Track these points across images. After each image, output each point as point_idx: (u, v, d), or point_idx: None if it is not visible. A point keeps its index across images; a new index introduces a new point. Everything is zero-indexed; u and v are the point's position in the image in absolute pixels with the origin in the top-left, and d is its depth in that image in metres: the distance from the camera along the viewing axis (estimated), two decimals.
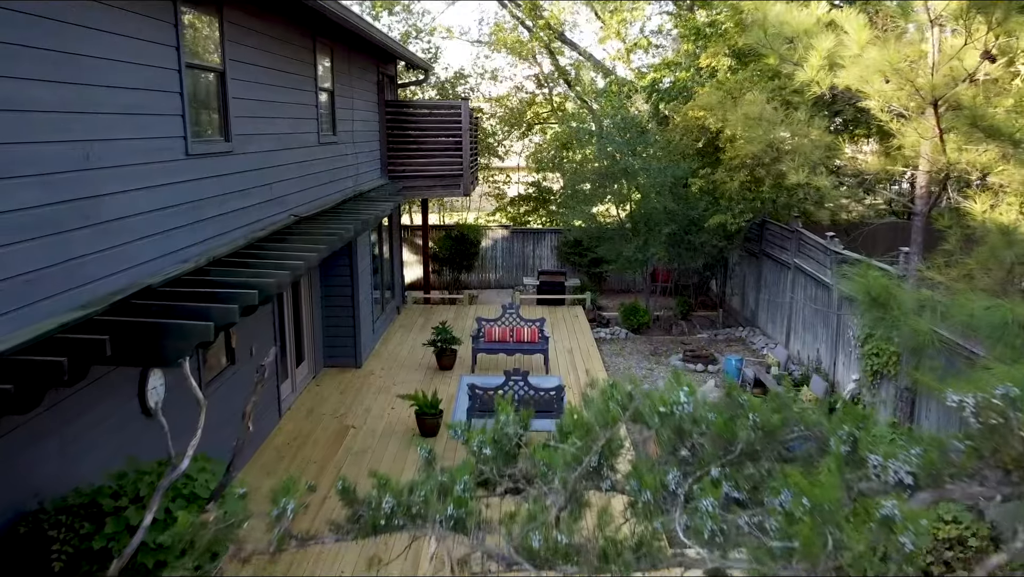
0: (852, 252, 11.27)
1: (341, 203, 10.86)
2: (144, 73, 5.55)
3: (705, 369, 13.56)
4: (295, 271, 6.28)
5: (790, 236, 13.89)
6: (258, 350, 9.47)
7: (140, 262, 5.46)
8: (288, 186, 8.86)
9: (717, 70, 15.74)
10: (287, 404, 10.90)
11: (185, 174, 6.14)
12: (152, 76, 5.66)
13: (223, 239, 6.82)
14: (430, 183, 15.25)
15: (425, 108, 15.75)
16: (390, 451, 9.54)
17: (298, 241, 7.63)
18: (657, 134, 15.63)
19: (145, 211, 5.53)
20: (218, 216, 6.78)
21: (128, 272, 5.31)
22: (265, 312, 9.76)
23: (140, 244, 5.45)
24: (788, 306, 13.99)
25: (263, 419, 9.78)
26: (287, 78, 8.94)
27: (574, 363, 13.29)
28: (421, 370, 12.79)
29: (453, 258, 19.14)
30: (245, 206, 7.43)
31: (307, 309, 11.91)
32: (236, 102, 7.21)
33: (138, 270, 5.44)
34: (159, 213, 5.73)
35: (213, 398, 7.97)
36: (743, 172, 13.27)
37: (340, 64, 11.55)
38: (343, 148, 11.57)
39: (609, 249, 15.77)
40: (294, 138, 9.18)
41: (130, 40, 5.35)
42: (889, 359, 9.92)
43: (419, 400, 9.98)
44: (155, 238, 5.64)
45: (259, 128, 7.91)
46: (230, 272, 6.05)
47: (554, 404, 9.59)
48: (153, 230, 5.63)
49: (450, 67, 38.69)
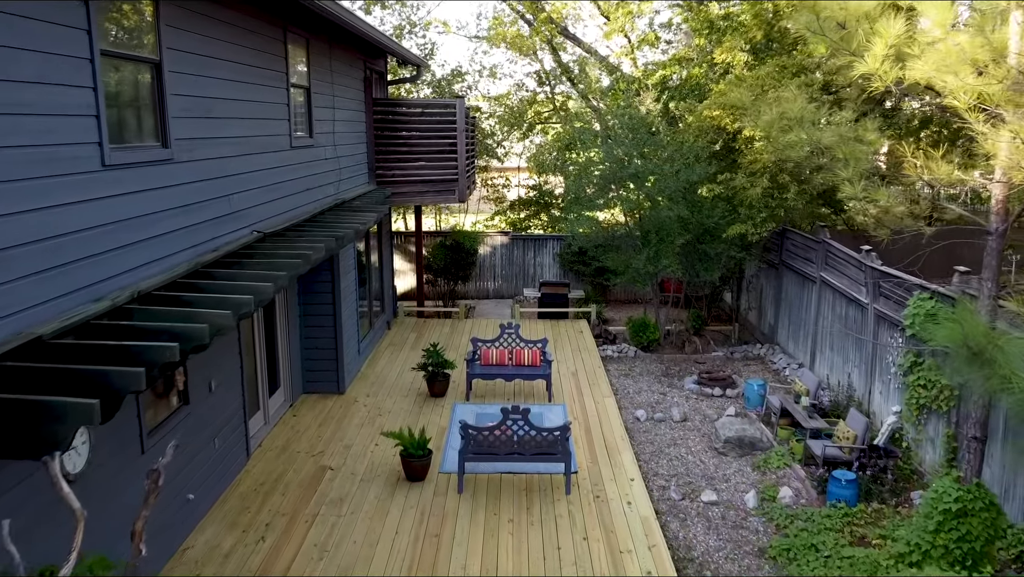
0: (891, 268, 10.04)
1: (318, 214, 9.64)
2: (40, 62, 4.34)
3: (723, 394, 12.33)
4: (239, 309, 5.07)
5: (815, 247, 12.67)
6: (220, 384, 8.27)
7: (31, 305, 4.24)
8: (251, 197, 7.64)
9: (733, 66, 14.53)
10: (257, 440, 9.69)
11: (102, 189, 4.93)
12: (52, 66, 4.45)
13: (157, 267, 5.61)
14: (422, 189, 14.03)
15: (417, 107, 14.52)
16: (370, 500, 8.32)
17: (256, 265, 6.41)
18: (668, 135, 14.39)
19: (40, 239, 4.32)
20: (152, 239, 5.56)
21: (14, 318, 4.10)
22: (227, 337, 8.54)
23: (30, 282, 4.24)
24: (813, 323, 12.77)
25: (228, 460, 8.57)
26: (249, 72, 7.72)
27: (579, 388, 12.07)
28: (411, 396, 11.58)
29: (448, 268, 17.92)
30: (190, 224, 6.21)
31: (282, 330, 10.70)
32: (177, 100, 5.99)
33: (29, 315, 4.22)
34: (62, 240, 4.52)
35: (159, 448, 6.77)
36: (765, 177, 12.05)
37: (318, 58, 10.32)
38: (322, 152, 10.35)
39: (617, 260, 14.54)
40: (259, 142, 7.96)
41: (18, 20, 4.13)
42: (940, 393, 8.70)
43: (404, 440, 8.77)
44: (53, 273, 4.42)
45: (210, 131, 6.69)
46: (155, 314, 4.84)
47: (558, 446, 8.38)
48: (52, 262, 4.41)
49: (447, 64, 37.55)
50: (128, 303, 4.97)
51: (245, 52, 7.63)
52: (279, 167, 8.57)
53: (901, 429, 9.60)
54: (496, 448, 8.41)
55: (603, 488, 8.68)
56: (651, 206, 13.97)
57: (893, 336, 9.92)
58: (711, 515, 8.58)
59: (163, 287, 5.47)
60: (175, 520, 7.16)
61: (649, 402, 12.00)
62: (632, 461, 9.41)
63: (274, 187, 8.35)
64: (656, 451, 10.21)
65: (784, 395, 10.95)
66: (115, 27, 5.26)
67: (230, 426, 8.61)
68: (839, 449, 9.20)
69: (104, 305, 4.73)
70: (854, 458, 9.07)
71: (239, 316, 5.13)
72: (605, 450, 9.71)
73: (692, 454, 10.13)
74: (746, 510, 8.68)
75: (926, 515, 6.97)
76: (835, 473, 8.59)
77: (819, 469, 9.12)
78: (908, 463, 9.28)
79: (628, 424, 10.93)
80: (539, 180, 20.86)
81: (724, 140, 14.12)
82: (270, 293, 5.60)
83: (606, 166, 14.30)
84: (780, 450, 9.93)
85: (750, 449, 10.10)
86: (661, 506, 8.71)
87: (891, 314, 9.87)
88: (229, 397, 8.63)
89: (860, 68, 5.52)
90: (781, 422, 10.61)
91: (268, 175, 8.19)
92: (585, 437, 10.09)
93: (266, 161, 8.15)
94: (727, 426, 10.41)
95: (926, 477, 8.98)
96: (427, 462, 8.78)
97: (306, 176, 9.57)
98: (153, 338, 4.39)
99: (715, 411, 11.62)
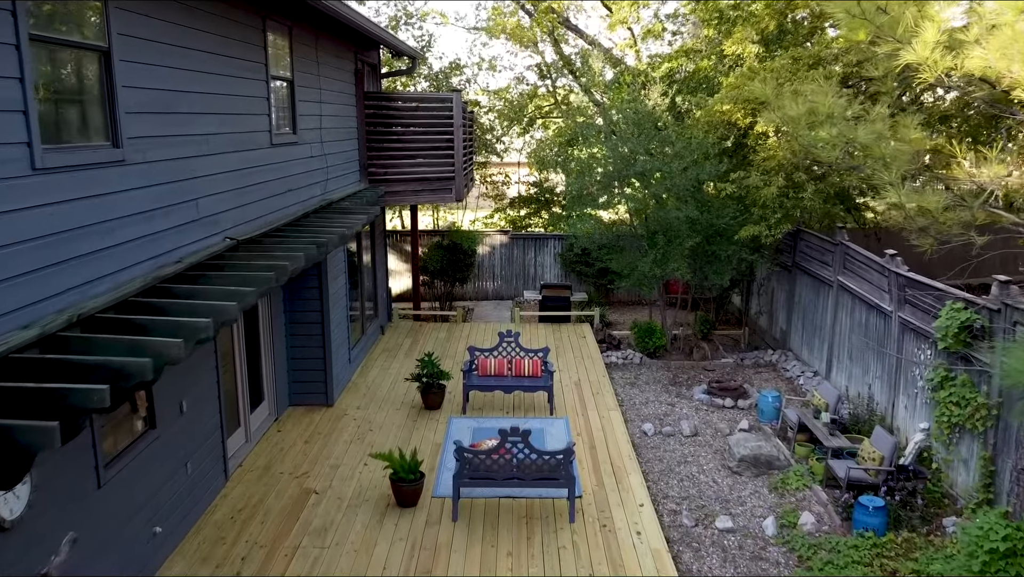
0: (918, 275, 9.35)
1: (302, 217, 8.94)
2: None
3: (735, 405, 11.65)
4: (195, 335, 4.39)
5: (833, 249, 11.96)
6: (194, 402, 7.59)
7: None
8: (223, 201, 6.94)
9: (743, 58, 13.79)
10: (237, 460, 9.01)
11: (30, 197, 4.24)
12: None
13: (106, 284, 4.92)
14: (417, 188, 13.33)
15: (412, 101, 13.81)
16: (357, 529, 7.65)
17: (223, 279, 5.72)
18: (675, 130, 13.66)
19: None
20: (99, 252, 4.87)
21: None
22: (202, 349, 7.86)
23: None
24: (829, 330, 12.08)
25: (203, 484, 7.90)
26: (221, 63, 7.01)
27: (583, 399, 11.38)
28: (404, 409, 10.90)
29: (445, 270, 17.21)
30: (148, 234, 5.52)
31: (266, 339, 10.02)
32: (130, 93, 5.29)
33: None
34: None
35: (120, 480, 6.10)
36: (780, 176, 11.34)
37: (303, 48, 9.61)
38: (307, 149, 9.65)
39: (621, 262, 13.83)
40: (233, 139, 7.26)
41: None
42: (976, 412, 8.01)
43: (395, 462, 8.09)
44: None
45: (173, 128, 5.99)
46: (95, 343, 4.15)
47: (561, 470, 7.70)
48: None
49: (444, 56, 36.77)
50: (64, 329, 4.28)
51: (216, 40, 6.92)
52: (257, 167, 7.87)
53: (929, 448, 8.92)
54: (494, 472, 7.73)
55: (610, 515, 8.00)
56: (658, 205, 13.25)
57: (920, 348, 9.23)
58: (727, 544, 7.90)
59: (112, 307, 4.78)
60: (140, 556, 6.48)
61: (657, 414, 11.32)
62: (641, 483, 8.73)
63: (251, 189, 7.65)
64: (665, 469, 9.53)
65: (802, 409, 10.26)
66: (50, 8, 4.55)
67: (206, 447, 7.93)
68: (864, 471, 8.52)
69: (32, 333, 4.04)
70: (880, 481, 8.39)
71: (196, 342, 4.45)
72: (611, 471, 9.03)
73: (704, 473, 9.45)
74: (765, 538, 8.01)
75: (970, 554, 6.30)
76: (862, 499, 7.91)
77: (843, 494, 8.43)
78: (938, 485, 8.59)
79: (635, 439, 10.25)
80: (540, 177, 20.13)
81: (735, 136, 13.40)
82: (234, 314, 4.92)
83: (610, 164, 13.58)
84: (799, 469, 9.25)
85: (766, 468, 9.42)
86: (672, 534, 8.03)
87: (919, 324, 9.18)
88: (206, 415, 7.95)
89: (907, 56, 4.82)
90: (799, 438, 9.93)
91: (244, 176, 7.49)
92: (590, 455, 9.41)
93: (241, 160, 7.45)
94: (741, 443, 9.72)
95: (959, 502, 8.30)
96: (419, 487, 8.10)
97: (288, 176, 8.86)
98: (85, 376, 3.71)
99: (727, 424, 10.94)
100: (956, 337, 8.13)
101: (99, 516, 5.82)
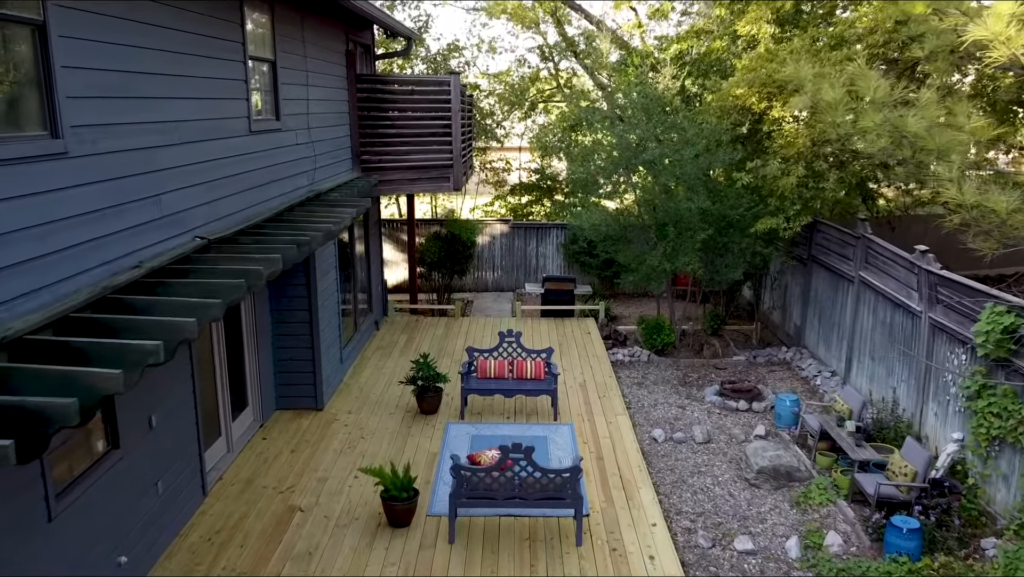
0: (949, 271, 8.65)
1: (286, 210, 8.23)
2: None
3: (749, 408, 10.99)
4: (142, 361, 3.71)
5: (854, 243, 11.25)
6: (164, 416, 6.92)
7: None
8: (192, 196, 6.24)
9: (758, 39, 13.00)
10: (218, 472, 8.36)
11: None
12: None
13: (41, 298, 4.23)
14: (413, 176, 12.59)
15: (408, 84, 13.03)
16: (345, 553, 7.00)
17: (186, 287, 5.03)
18: (686, 115, 12.89)
19: None
20: (32, 261, 4.18)
21: None
22: (177, 357, 7.19)
23: None
24: (849, 328, 11.39)
25: (178, 504, 7.25)
26: (189, 41, 6.28)
27: (588, 403, 10.72)
28: (398, 413, 10.24)
29: (443, 262, 16.50)
30: (98, 237, 4.82)
31: (250, 341, 9.34)
32: (72, 74, 4.57)
33: None
34: None
35: (76, 509, 5.45)
36: (800, 165, 10.60)
37: (286, 27, 8.85)
38: (292, 136, 8.92)
39: (629, 255, 13.13)
40: (204, 126, 6.54)
41: None
42: (1019, 424, 7.34)
43: (386, 479, 7.44)
44: None
45: (128, 114, 5.27)
46: (15, 374, 3.47)
47: (567, 489, 7.04)
48: None
49: (442, 38, 35.82)
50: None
51: (182, 16, 6.18)
52: (233, 156, 7.15)
53: (963, 460, 8.27)
54: (494, 492, 7.08)
55: (620, 537, 7.36)
56: (667, 196, 12.52)
57: (954, 352, 8.56)
58: (747, 568, 7.27)
59: (46, 326, 4.09)
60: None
61: (667, 418, 10.66)
62: (652, 499, 8.09)
63: (226, 181, 6.93)
64: (678, 481, 8.89)
65: (823, 415, 9.60)
66: None
67: (180, 463, 7.28)
68: (895, 488, 7.87)
69: None
70: (913, 498, 7.74)
71: (142, 369, 3.77)
72: (621, 484, 8.38)
73: (719, 485, 8.81)
74: (788, 562, 7.38)
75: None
76: (895, 520, 7.26)
77: (873, 513, 7.76)
78: (974, 502, 7.94)
79: (644, 446, 9.60)
80: (542, 163, 19.37)
81: (751, 122, 12.65)
82: (194, 332, 4.23)
83: (616, 152, 12.81)
84: (822, 482, 8.60)
85: (786, 480, 8.78)
86: (688, 556, 7.40)
87: (953, 326, 8.49)
88: (180, 427, 7.29)
89: (977, 32, 4.13)
90: (820, 446, 9.28)
91: (217, 167, 6.77)
92: (597, 467, 8.76)
93: (214, 150, 6.73)
94: (759, 453, 9.06)
95: (999, 521, 7.65)
96: (412, 505, 7.46)
97: (270, 166, 8.14)
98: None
99: (741, 429, 10.29)
100: (998, 343, 7.45)
101: (50, 553, 5.17)
